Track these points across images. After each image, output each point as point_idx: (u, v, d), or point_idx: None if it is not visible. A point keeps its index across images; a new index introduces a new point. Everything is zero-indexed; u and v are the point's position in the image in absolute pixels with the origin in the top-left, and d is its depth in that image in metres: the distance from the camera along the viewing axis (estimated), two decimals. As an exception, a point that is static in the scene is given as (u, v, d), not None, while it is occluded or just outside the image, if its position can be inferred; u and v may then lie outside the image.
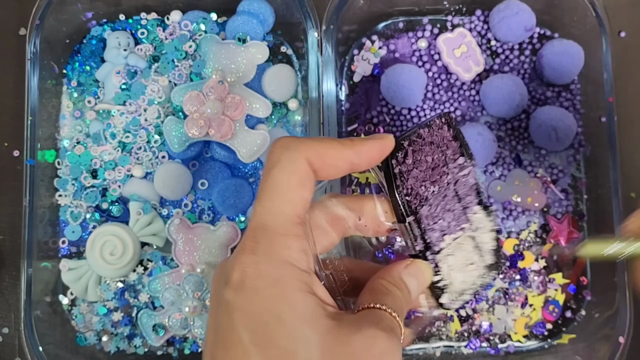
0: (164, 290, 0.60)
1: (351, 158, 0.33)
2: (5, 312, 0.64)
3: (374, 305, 0.32)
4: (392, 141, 0.35)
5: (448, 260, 0.37)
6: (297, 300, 0.30)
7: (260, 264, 0.31)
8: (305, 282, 0.31)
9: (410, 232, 0.35)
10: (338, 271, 0.36)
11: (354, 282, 0.36)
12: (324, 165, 0.33)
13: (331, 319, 0.30)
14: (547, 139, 0.62)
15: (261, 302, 0.30)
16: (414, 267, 0.36)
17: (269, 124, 0.65)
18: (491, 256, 0.39)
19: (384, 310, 0.32)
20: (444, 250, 0.37)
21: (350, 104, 0.65)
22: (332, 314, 0.31)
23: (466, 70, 0.64)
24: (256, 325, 0.29)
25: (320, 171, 0.33)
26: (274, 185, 0.32)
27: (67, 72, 0.66)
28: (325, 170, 0.33)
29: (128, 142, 0.64)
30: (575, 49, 0.63)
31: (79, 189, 0.63)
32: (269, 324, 0.29)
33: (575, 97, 0.65)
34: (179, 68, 0.64)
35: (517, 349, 0.62)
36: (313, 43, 0.62)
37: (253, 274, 0.30)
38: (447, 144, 0.37)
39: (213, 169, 0.63)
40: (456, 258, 0.37)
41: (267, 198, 0.32)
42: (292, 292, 0.30)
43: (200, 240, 0.61)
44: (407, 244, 0.36)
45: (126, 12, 0.67)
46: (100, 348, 0.62)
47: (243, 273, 0.31)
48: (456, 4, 0.66)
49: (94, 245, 0.61)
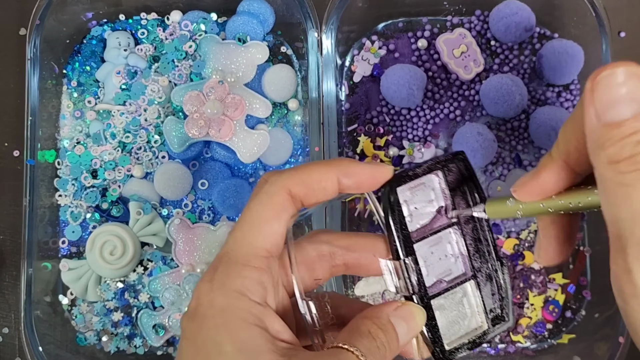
0: (164, 290, 0.60)
1: (338, 177, 0.32)
2: (5, 312, 0.64)
3: (343, 346, 0.30)
4: (389, 172, 0.33)
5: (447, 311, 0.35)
6: (240, 331, 0.29)
7: (211, 292, 0.30)
8: (254, 314, 0.30)
9: (405, 269, 0.33)
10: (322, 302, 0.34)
11: (340, 319, 0.35)
12: (310, 190, 0.32)
13: (278, 354, 0.29)
14: (547, 139, 0.62)
15: (206, 331, 0.29)
16: (404, 310, 0.33)
17: (269, 124, 0.65)
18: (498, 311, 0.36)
19: (351, 353, 0.30)
20: (443, 298, 0.34)
21: (350, 104, 0.65)
22: (281, 350, 0.30)
23: (466, 71, 0.64)
24: (199, 355, 0.29)
25: (307, 198, 0.32)
26: (246, 217, 0.32)
27: (67, 72, 0.66)
28: (312, 195, 0.32)
29: (128, 142, 0.64)
30: (575, 49, 0.63)
31: (79, 189, 0.63)
32: (209, 354, 0.29)
33: (575, 97, 0.65)
34: (179, 68, 0.64)
35: (516, 349, 0.62)
36: (313, 43, 0.62)
37: (205, 302, 0.30)
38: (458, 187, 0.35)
39: (213, 169, 0.63)
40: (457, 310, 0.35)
41: (238, 229, 0.32)
42: (235, 322, 0.29)
43: (200, 240, 0.61)
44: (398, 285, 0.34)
45: (126, 12, 0.67)
46: (100, 348, 0.62)
47: (197, 301, 0.30)
48: (456, 4, 0.66)
49: (94, 245, 0.61)
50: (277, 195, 0.32)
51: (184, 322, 0.31)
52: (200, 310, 0.30)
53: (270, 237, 0.31)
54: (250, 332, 0.29)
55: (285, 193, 0.32)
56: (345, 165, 0.33)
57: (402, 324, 0.33)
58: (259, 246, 0.31)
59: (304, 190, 0.32)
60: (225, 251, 0.32)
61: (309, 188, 0.32)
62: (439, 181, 0.35)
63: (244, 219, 0.32)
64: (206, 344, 0.29)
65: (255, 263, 0.31)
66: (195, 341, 0.30)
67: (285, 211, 0.32)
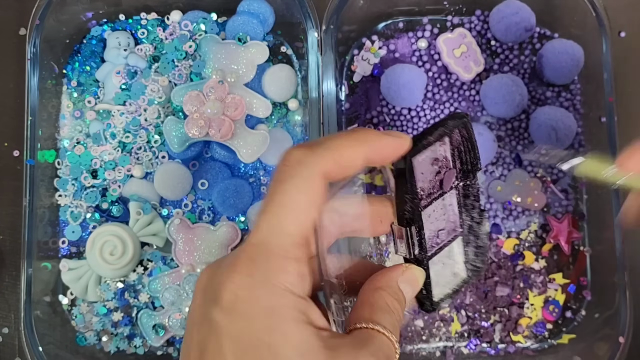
0: (164, 290, 0.60)
1: (366, 154, 0.32)
2: (5, 312, 0.64)
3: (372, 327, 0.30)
4: (409, 142, 0.33)
5: (437, 266, 0.36)
6: (293, 332, 0.28)
7: (254, 288, 0.29)
8: (301, 311, 0.29)
9: (410, 236, 0.34)
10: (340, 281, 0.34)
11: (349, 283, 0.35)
12: (341, 169, 0.31)
13: (327, 349, 0.29)
14: (547, 139, 0.62)
15: (254, 331, 0.28)
16: (410, 274, 0.34)
17: (269, 124, 0.65)
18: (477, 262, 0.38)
19: (381, 334, 0.30)
20: (436, 256, 0.36)
21: (350, 104, 0.65)
22: (328, 343, 0.29)
23: (466, 70, 0.64)
24: (246, 355, 0.28)
25: (336, 176, 0.31)
26: (282, 202, 0.30)
27: (67, 72, 0.66)
28: (341, 172, 0.32)
29: (128, 142, 0.64)
30: (575, 49, 0.63)
31: (79, 189, 0.63)
32: (261, 356, 0.28)
33: (575, 97, 0.65)
34: (179, 68, 0.64)
35: (517, 349, 0.62)
36: (313, 43, 0.62)
37: (246, 298, 0.29)
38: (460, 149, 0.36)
39: (213, 169, 0.63)
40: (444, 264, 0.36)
41: (273, 215, 0.30)
42: (287, 323, 0.28)
43: (200, 240, 0.61)
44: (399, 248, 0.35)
45: (126, 12, 0.67)
46: (100, 348, 0.62)
47: (235, 295, 0.29)
48: (456, 4, 0.66)
49: (94, 245, 0.61)
50: (314, 180, 0.30)
51: (218, 315, 0.29)
52: (242, 307, 0.29)
53: (307, 224, 0.30)
54: (303, 332, 0.29)
55: (322, 177, 0.31)
56: (372, 140, 0.32)
57: (408, 288, 0.34)
58: (299, 236, 0.30)
59: (336, 170, 0.31)
60: (260, 239, 0.30)
61: (340, 167, 0.31)
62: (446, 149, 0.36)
63: (279, 204, 0.30)
64: (255, 345, 0.28)
65: (296, 254, 0.30)
66: (239, 340, 0.28)
67: (321, 197, 0.31)
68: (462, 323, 0.62)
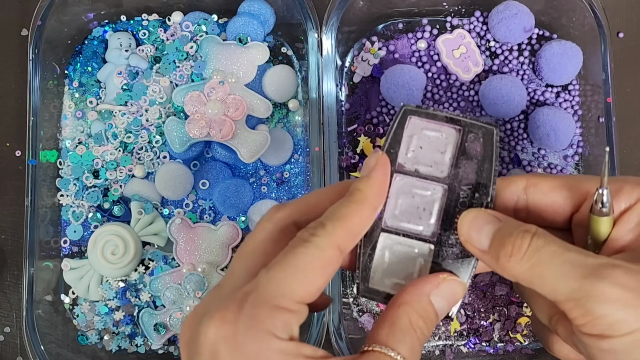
0: (165, 290, 0.60)
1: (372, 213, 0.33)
2: (7, 311, 0.64)
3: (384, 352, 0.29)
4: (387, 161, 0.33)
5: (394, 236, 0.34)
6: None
7: (238, 335, 0.28)
8: (289, 353, 0.29)
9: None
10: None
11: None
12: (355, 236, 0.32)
13: None
14: (545, 139, 0.62)
15: None
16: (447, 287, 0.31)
17: (269, 124, 0.65)
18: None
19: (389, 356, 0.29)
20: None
21: (350, 104, 0.66)
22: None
23: (465, 71, 0.64)
24: None
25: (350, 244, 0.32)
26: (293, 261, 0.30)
27: (68, 72, 0.67)
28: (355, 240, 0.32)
29: (129, 143, 0.64)
30: (574, 49, 0.63)
31: (81, 188, 0.64)
32: None
33: (574, 98, 0.65)
34: (180, 69, 0.64)
35: (516, 347, 0.63)
36: (313, 44, 0.62)
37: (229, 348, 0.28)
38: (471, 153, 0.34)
39: (214, 169, 0.64)
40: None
41: (280, 270, 0.29)
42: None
43: (201, 239, 0.61)
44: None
45: (127, 13, 0.67)
46: (101, 347, 0.62)
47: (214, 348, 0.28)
48: (455, 5, 0.66)
49: (95, 244, 0.61)
50: (328, 251, 0.30)
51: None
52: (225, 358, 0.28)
53: (311, 288, 0.30)
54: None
55: (336, 249, 0.31)
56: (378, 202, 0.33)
57: (443, 303, 0.31)
58: (297, 294, 0.30)
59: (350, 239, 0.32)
60: (253, 288, 0.29)
61: (354, 236, 0.32)
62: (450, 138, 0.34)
63: (287, 263, 0.30)
64: None
65: (289, 306, 0.29)
66: None
67: (332, 267, 0.31)
68: (461, 322, 0.62)
